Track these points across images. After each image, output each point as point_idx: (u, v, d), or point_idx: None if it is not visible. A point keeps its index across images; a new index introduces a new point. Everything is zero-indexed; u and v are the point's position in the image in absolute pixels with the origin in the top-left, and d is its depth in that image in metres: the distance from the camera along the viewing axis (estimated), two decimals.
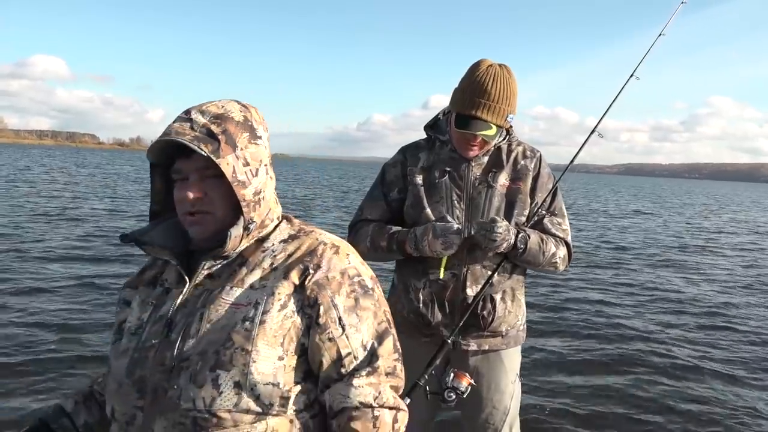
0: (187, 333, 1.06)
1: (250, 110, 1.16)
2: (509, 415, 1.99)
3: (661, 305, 7.20)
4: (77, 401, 1.25)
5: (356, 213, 2.06)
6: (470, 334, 1.91)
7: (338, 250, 1.15)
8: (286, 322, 1.06)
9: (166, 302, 1.12)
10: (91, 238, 9.74)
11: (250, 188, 1.10)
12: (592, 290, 7.73)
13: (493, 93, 1.80)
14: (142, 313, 1.14)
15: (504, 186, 1.93)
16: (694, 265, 10.67)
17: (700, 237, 15.79)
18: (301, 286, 1.08)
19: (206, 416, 1.02)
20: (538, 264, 1.91)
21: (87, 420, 1.23)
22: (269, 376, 1.04)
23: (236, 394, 1.02)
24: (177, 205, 1.13)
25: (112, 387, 1.12)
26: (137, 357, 1.09)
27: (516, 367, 2.03)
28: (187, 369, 1.04)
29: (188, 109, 1.12)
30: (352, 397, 1.07)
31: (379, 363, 1.11)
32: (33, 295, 5.99)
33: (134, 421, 1.07)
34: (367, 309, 1.13)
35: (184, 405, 1.03)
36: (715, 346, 5.64)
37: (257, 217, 1.13)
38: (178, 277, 1.15)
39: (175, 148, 1.10)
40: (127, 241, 1.15)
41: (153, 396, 1.05)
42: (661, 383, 4.55)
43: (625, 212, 24.19)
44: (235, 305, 1.07)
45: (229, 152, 1.07)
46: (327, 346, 1.08)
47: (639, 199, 38.40)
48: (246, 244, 1.15)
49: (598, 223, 17.88)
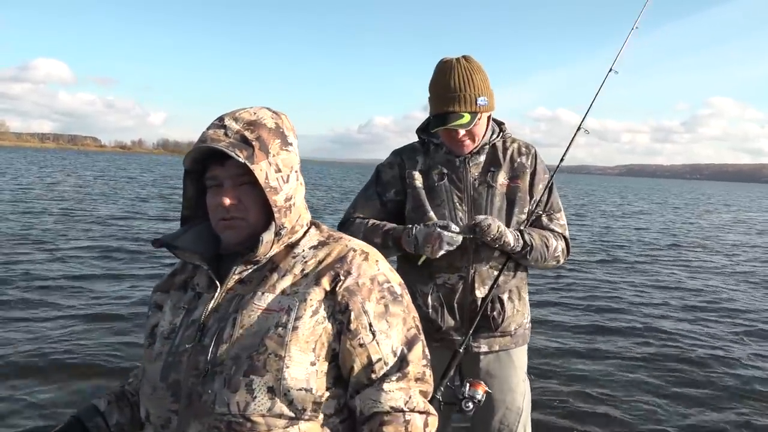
0: (221, 338, 1.07)
1: (281, 117, 1.17)
2: (522, 416, 1.99)
3: (673, 302, 7.22)
4: (110, 401, 1.26)
5: (347, 211, 2.04)
6: (480, 336, 1.91)
7: (367, 257, 1.17)
8: (318, 328, 1.08)
9: (198, 307, 1.14)
10: (110, 239, 9.91)
11: (282, 194, 1.12)
12: (595, 287, 7.75)
13: (452, 84, 1.82)
14: (174, 318, 1.16)
15: (504, 185, 1.94)
16: (702, 261, 10.72)
17: (700, 235, 15.80)
18: (332, 292, 1.10)
19: (240, 420, 1.03)
20: (543, 261, 1.93)
21: (119, 420, 1.24)
22: (302, 381, 1.05)
23: (270, 399, 1.04)
24: (211, 210, 1.14)
25: (147, 390, 1.14)
26: (171, 361, 1.10)
27: (524, 365, 2.04)
28: (221, 374, 1.05)
29: (221, 116, 1.13)
30: (383, 402, 1.08)
31: (409, 369, 1.12)
32: (63, 293, 6.11)
33: (169, 424, 1.08)
34: (397, 315, 1.14)
35: (218, 409, 1.04)
36: (722, 338, 5.67)
37: (288, 222, 1.14)
38: (208, 282, 1.16)
39: (208, 154, 1.12)
40: (159, 245, 1.17)
41: (187, 400, 1.07)
42: (663, 377, 4.56)
43: (627, 213, 24.16)
44: (267, 310, 1.08)
45: (262, 158, 1.09)
46: (358, 351, 1.09)
47: (640, 200, 38.32)
48: (276, 250, 1.16)
49: (597, 223, 17.86)
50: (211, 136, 1.10)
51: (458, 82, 1.82)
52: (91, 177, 30.78)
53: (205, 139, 1.10)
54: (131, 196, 19.68)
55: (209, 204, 1.14)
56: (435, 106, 1.88)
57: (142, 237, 10.22)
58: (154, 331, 1.18)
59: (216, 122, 1.13)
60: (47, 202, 15.85)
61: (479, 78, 1.85)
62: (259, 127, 1.12)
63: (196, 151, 1.11)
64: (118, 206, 16.14)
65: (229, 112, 1.15)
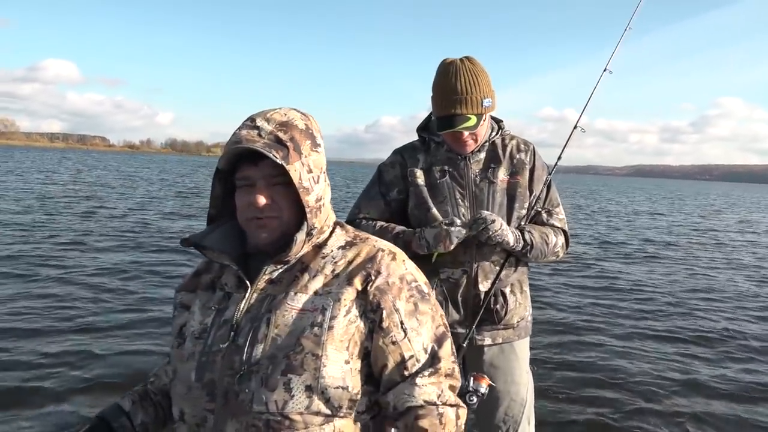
0: (255, 338, 1.08)
1: (310, 119, 1.18)
2: (526, 407, 2.02)
3: (677, 291, 7.16)
4: (134, 400, 1.26)
5: (352, 211, 2.06)
6: (484, 329, 1.95)
7: (395, 257, 1.19)
8: (351, 327, 1.10)
9: (229, 307, 1.15)
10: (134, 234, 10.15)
11: (313, 195, 1.13)
12: (597, 277, 7.74)
13: (459, 87, 1.83)
14: (204, 318, 1.17)
15: (504, 181, 1.97)
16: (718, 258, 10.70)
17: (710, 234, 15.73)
18: (364, 291, 1.12)
19: (279, 419, 1.05)
20: (543, 256, 1.97)
21: (143, 419, 1.25)
22: (339, 379, 1.07)
23: (307, 397, 1.05)
24: (242, 210, 1.15)
25: (181, 390, 1.14)
26: (205, 361, 1.11)
27: (527, 357, 2.07)
28: (258, 373, 1.06)
29: (252, 117, 1.14)
30: (417, 396, 1.10)
31: (441, 365, 1.14)
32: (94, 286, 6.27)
33: (205, 423, 1.09)
34: (426, 313, 1.17)
35: (256, 408, 1.05)
36: (727, 320, 5.63)
37: (318, 223, 1.16)
38: (237, 282, 1.17)
39: (240, 155, 1.12)
40: (188, 245, 1.18)
41: (224, 399, 1.08)
42: (668, 364, 4.56)
43: (640, 213, 24.07)
44: (301, 311, 1.09)
45: (296, 159, 1.10)
46: (390, 349, 1.11)
47: (654, 202, 38.18)
48: (306, 250, 1.17)
49: (600, 223, 17.81)
50: (246, 137, 1.10)
51: (464, 85, 1.83)
52: (127, 177, 31.41)
53: (239, 140, 1.10)
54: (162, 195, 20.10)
55: (240, 203, 1.15)
56: (441, 107, 1.88)
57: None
58: (183, 331, 1.19)
59: (248, 123, 1.13)
60: (96, 200, 16.31)
61: (484, 80, 1.87)
62: (292, 128, 1.13)
63: (231, 152, 1.12)
64: (137, 203, 16.46)
65: (260, 112, 1.15)
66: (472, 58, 1.90)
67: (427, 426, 1.08)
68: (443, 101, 1.86)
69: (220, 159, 1.15)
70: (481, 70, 1.88)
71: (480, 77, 1.86)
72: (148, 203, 16.95)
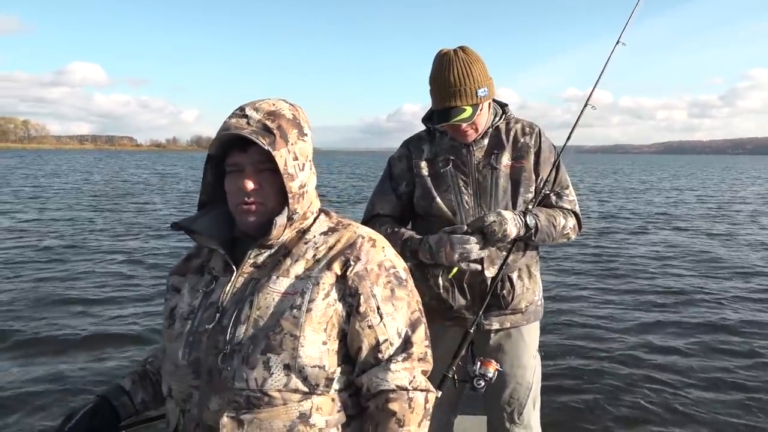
0: (238, 319, 1.13)
1: (298, 109, 1.24)
2: (532, 390, 2.02)
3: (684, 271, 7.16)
4: (134, 380, 1.32)
5: (367, 208, 2.08)
6: (492, 314, 1.94)
7: (375, 243, 1.23)
8: (329, 310, 1.14)
9: (216, 290, 1.20)
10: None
11: (297, 181, 1.18)
12: (609, 260, 7.73)
13: (452, 79, 1.82)
14: (192, 300, 1.22)
15: (507, 166, 1.95)
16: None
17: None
18: (343, 276, 1.16)
19: (258, 395, 1.10)
20: (552, 239, 1.94)
21: (143, 398, 1.31)
22: (316, 359, 1.12)
23: (286, 375, 1.11)
24: (231, 195, 1.19)
25: (169, 368, 1.20)
26: (192, 341, 1.16)
27: (536, 342, 2.06)
28: (240, 352, 1.11)
29: (242, 106, 1.19)
30: (389, 381, 1.15)
31: (413, 350, 1.19)
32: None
33: (191, 399, 1.15)
34: (402, 299, 1.21)
35: (237, 385, 1.10)
36: (737, 311, 5.69)
37: (300, 208, 1.20)
38: (224, 266, 1.22)
39: (230, 142, 1.18)
40: (177, 229, 1.23)
41: (208, 377, 1.13)
42: (678, 350, 4.62)
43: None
44: (282, 294, 1.14)
45: (282, 146, 1.15)
46: (366, 332, 1.16)
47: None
48: (289, 235, 1.22)
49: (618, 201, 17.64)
50: (234, 124, 1.15)
51: (458, 76, 1.82)
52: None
53: (228, 127, 1.15)
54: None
55: (229, 188, 1.19)
56: (436, 100, 1.88)
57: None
58: (173, 313, 1.24)
59: (237, 112, 1.18)
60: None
61: (477, 69, 1.85)
62: (279, 117, 1.17)
63: (220, 138, 1.17)
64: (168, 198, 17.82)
65: (249, 102, 1.20)
66: (466, 47, 1.88)
67: (397, 409, 1.14)
68: (439, 94, 1.86)
69: (211, 145, 1.20)
70: (474, 59, 1.85)
71: (473, 67, 1.84)
72: (185, 196, 18.62)
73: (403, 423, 1.14)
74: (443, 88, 1.84)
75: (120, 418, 1.26)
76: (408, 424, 1.14)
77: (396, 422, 1.13)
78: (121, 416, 1.27)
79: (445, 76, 1.83)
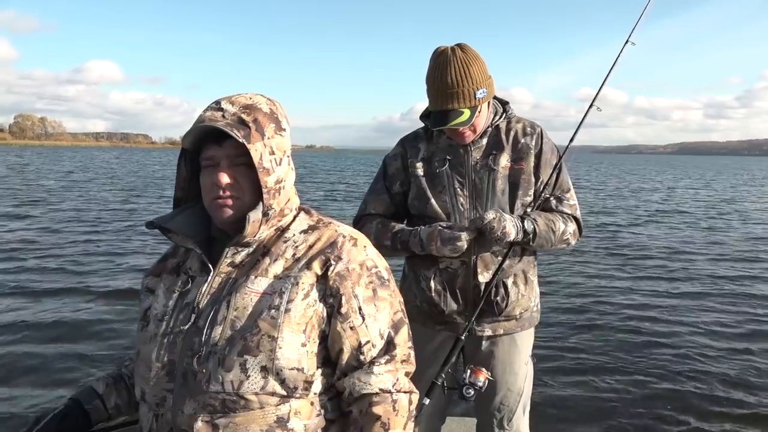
0: (215, 320, 1.10)
1: (275, 104, 1.20)
2: (523, 396, 1.97)
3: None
4: (108, 383, 1.27)
5: (360, 207, 2.02)
6: (484, 320, 1.88)
7: (356, 243, 1.19)
8: (309, 311, 1.11)
9: (192, 290, 1.16)
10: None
11: (273, 176, 1.14)
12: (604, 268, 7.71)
13: (449, 80, 1.74)
14: (167, 301, 1.18)
15: (506, 168, 1.86)
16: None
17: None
18: (324, 276, 1.13)
19: (234, 398, 1.06)
20: (550, 245, 1.87)
21: (117, 402, 1.26)
22: (294, 361, 1.09)
23: (263, 378, 1.07)
24: (206, 189, 1.15)
25: (142, 371, 1.16)
26: (166, 342, 1.13)
27: (529, 349, 2.00)
28: (215, 354, 1.08)
29: (218, 100, 1.16)
30: (372, 384, 1.12)
31: (396, 351, 1.16)
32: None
33: (164, 403, 1.11)
34: (384, 299, 1.18)
35: (213, 388, 1.07)
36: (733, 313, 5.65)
37: (276, 204, 1.16)
38: (201, 266, 1.18)
39: (205, 135, 1.14)
40: (152, 227, 1.19)
41: (182, 379, 1.09)
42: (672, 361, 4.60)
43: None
44: (260, 294, 1.10)
45: (258, 139, 1.11)
46: (348, 334, 1.13)
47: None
48: (266, 232, 1.18)
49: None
50: (209, 117, 1.12)
51: (455, 78, 1.74)
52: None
53: (203, 119, 1.12)
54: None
55: (204, 183, 1.16)
56: (433, 102, 1.81)
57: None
58: (147, 314, 1.20)
59: (213, 105, 1.15)
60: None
61: (476, 69, 1.76)
62: (255, 110, 1.14)
63: (194, 132, 1.13)
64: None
65: (225, 96, 1.17)
66: (464, 45, 1.79)
67: (381, 413, 1.11)
68: (436, 96, 1.78)
69: (184, 138, 1.16)
70: (473, 58, 1.77)
71: (471, 67, 1.75)
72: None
73: (388, 426, 1.11)
74: (440, 89, 1.76)
75: (91, 422, 1.22)
76: (393, 427, 1.11)
77: (381, 426, 1.10)
78: (93, 420, 1.22)
79: (442, 76, 1.75)
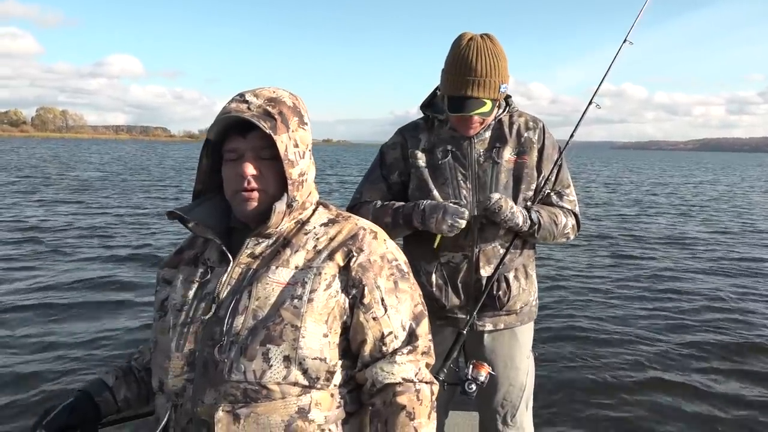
0: (236, 309, 1.09)
1: (298, 98, 1.20)
2: (525, 392, 1.97)
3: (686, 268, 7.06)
4: (117, 376, 1.27)
5: (354, 196, 1.98)
6: (485, 315, 1.87)
7: (376, 236, 1.20)
8: (331, 302, 1.11)
9: (211, 280, 1.15)
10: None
11: (297, 168, 1.15)
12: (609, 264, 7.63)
13: (479, 68, 1.70)
14: (186, 291, 1.17)
15: (510, 161, 1.86)
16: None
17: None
18: (346, 267, 1.13)
19: (256, 388, 1.06)
20: (552, 238, 1.87)
21: (126, 395, 1.26)
22: (317, 351, 1.09)
23: (285, 367, 1.07)
24: (229, 181, 1.15)
25: (160, 361, 1.15)
26: (186, 332, 1.12)
27: (529, 343, 2.00)
28: (237, 343, 1.07)
29: (242, 93, 1.15)
30: (395, 373, 1.12)
31: (418, 343, 1.17)
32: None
33: (184, 393, 1.10)
34: (405, 291, 1.19)
35: (234, 377, 1.06)
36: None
37: (299, 196, 1.17)
38: (220, 256, 1.17)
39: (229, 127, 1.14)
40: (173, 218, 1.18)
41: (203, 369, 1.09)
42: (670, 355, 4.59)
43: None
44: (282, 284, 1.10)
45: (283, 131, 1.12)
46: (371, 324, 1.13)
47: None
48: (287, 224, 1.18)
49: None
50: (235, 108, 1.11)
51: (485, 66, 1.71)
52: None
53: (228, 110, 1.11)
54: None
55: (227, 175, 1.15)
56: (454, 86, 1.75)
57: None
58: (165, 305, 1.20)
59: (237, 97, 1.14)
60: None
61: (503, 63, 1.75)
62: (280, 103, 1.14)
63: (219, 123, 1.13)
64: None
65: (249, 89, 1.17)
66: (492, 36, 1.76)
67: (406, 402, 1.11)
68: (458, 80, 1.73)
69: (209, 130, 1.16)
70: (501, 50, 1.75)
71: (500, 59, 1.73)
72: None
73: (413, 416, 1.11)
74: (466, 74, 1.72)
75: (101, 414, 1.22)
76: (418, 417, 1.11)
77: (407, 415, 1.10)
78: (102, 413, 1.22)
79: (470, 61, 1.71)
